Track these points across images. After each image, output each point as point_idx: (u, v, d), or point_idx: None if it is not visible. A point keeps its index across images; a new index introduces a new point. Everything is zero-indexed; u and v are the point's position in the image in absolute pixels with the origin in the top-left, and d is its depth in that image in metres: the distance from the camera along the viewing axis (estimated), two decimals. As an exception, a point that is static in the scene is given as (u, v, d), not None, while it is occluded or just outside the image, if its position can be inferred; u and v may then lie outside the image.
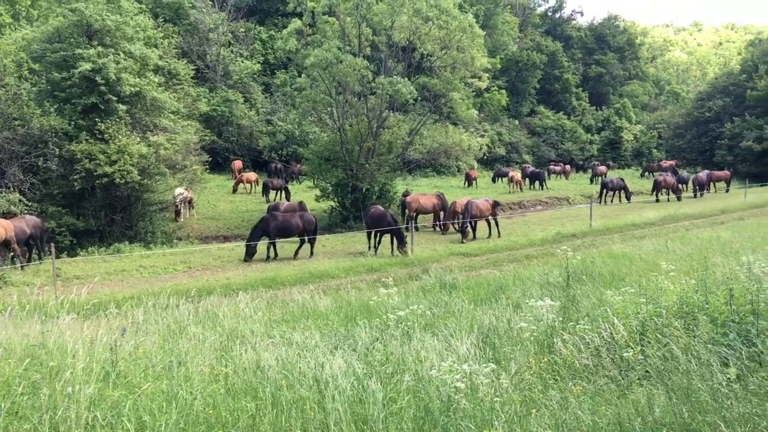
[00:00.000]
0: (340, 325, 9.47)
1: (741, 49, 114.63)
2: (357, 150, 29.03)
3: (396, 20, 27.78)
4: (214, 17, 47.92)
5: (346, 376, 5.65)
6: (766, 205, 33.04)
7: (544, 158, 67.94)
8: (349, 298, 12.55)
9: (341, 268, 18.97)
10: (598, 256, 15.91)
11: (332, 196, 30.02)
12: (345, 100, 28.99)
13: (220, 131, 43.41)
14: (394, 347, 7.12)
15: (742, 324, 6.73)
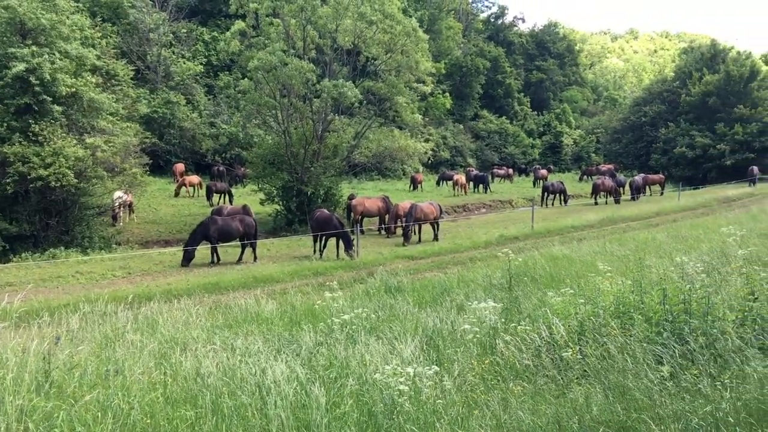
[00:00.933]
0: (285, 329, 9.37)
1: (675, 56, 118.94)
2: (302, 153, 28.85)
3: (340, 23, 27.76)
4: (155, 17, 46.86)
5: (289, 381, 5.60)
6: (699, 207, 34.29)
7: (487, 162, 69.00)
8: (294, 302, 12.43)
9: (286, 272, 18.80)
10: (540, 258, 16.17)
11: (277, 199, 29.75)
12: (290, 102, 28.78)
13: (161, 133, 42.48)
14: (338, 351, 7.09)
15: (676, 323, 6.96)
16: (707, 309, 7.20)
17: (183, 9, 52.21)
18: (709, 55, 68.63)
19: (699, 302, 7.39)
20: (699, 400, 5.03)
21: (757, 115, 58.43)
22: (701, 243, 16.07)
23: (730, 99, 59.94)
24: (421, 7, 65.50)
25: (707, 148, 58.99)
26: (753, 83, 61.49)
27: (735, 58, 67.60)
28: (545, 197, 40.53)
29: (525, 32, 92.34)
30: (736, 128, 57.92)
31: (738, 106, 59.07)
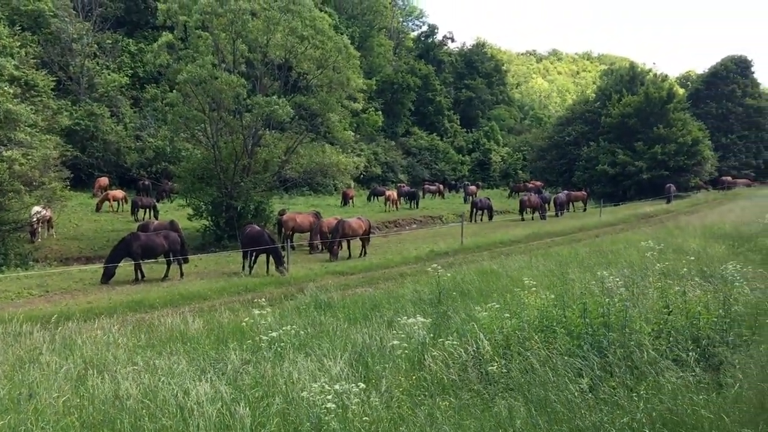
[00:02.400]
0: (211, 348, 9.17)
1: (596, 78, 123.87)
2: (232, 168, 28.42)
3: (271, 38, 27.61)
4: (78, 27, 45.37)
5: (212, 401, 5.46)
6: (619, 223, 35.59)
7: (418, 178, 69.78)
8: (221, 319, 12.18)
9: (214, 289, 18.41)
10: (468, 273, 16.40)
11: (206, 214, 29.16)
12: (219, 117, 28.33)
13: (83, 146, 41.05)
14: (265, 369, 6.98)
15: (595, 336, 7.19)
16: (625, 322, 7.48)
17: (108, 19, 50.75)
18: (629, 77, 71.78)
19: (617, 315, 7.67)
20: (617, 411, 5.20)
21: (673, 135, 61.30)
22: (621, 257, 16.62)
23: (649, 120, 62.69)
24: (352, 24, 65.97)
25: (627, 167, 61.45)
26: (670, 105, 64.54)
27: (653, 80, 70.96)
28: (474, 213, 41.32)
29: (454, 51, 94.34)
30: (655, 148, 60.61)
31: (656, 126, 61.85)
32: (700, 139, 63.35)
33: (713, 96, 78.70)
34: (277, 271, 21.35)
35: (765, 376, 6.13)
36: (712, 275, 11.75)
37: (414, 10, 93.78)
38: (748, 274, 11.27)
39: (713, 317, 7.86)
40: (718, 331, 7.60)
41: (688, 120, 64.63)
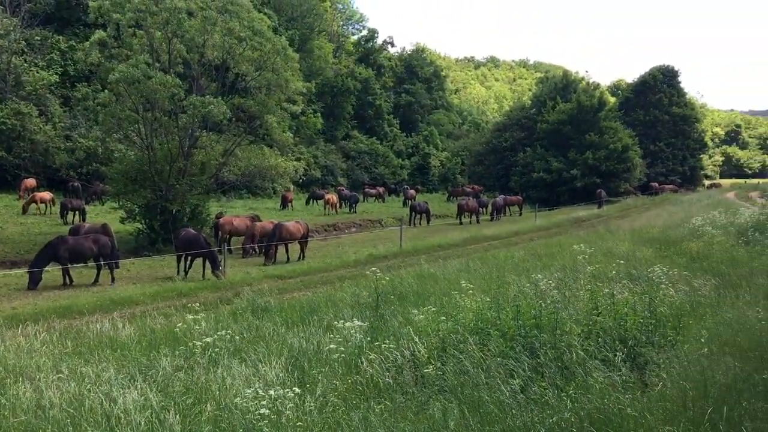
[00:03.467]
0: (142, 354, 8.92)
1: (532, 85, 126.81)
2: (167, 170, 27.76)
3: (209, 38, 27.16)
4: (5, 23, 43.46)
5: (141, 409, 5.31)
6: (553, 227, 36.50)
7: (358, 181, 69.86)
8: (154, 325, 11.87)
9: (147, 293, 17.92)
10: (407, 277, 16.50)
11: (139, 217, 28.41)
12: (154, 117, 27.63)
13: (9, 146, 39.36)
14: (198, 376, 6.84)
15: (528, 337, 7.34)
16: (556, 324, 7.66)
17: (37, 15, 48.83)
18: (562, 84, 73.79)
19: (549, 317, 7.85)
20: (546, 411, 5.32)
21: (605, 142, 63.34)
22: (555, 260, 17.02)
23: (582, 127, 64.60)
24: (292, 27, 65.49)
25: (561, 172, 63.10)
26: (601, 113, 66.69)
27: (585, 88, 73.13)
28: (413, 217, 41.66)
29: (394, 56, 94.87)
30: (587, 154, 62.44)
31: (589, 133, 63.73)
32: (630, 146, 65.75)
33: (642, 104, 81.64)
34: (213, 275, 20.98)
35: (687, 376, 6.38)
36: (640, 278, 12.16)
37: (354, 14, 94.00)
38: (673, 276, 11.73)
39: (640, 318, 8.14)
40: (644, 332, 7.86)
41: (618, 127, 66.98)
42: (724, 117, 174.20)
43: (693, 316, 9.25)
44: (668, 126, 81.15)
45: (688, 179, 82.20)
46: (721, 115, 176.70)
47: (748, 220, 21.04)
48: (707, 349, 7.40)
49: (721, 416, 5.20)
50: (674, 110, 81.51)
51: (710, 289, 11.48)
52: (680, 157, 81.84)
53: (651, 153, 77.80)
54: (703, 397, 5.65)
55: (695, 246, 17.58)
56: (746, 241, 18.21)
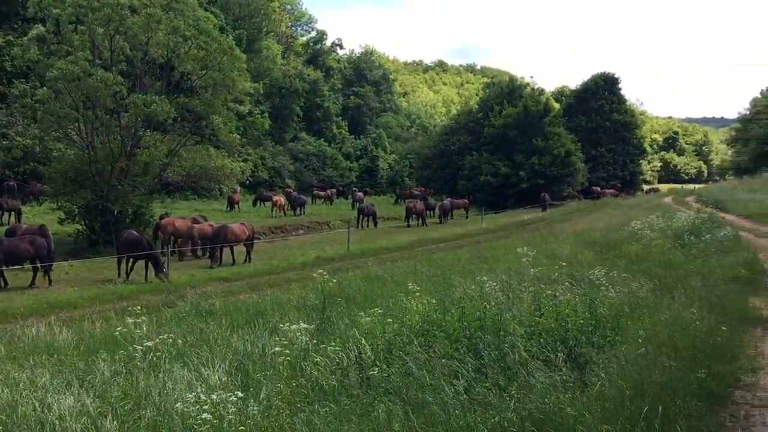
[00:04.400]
0: (80, 359, 8.65)
1: (479, 90, 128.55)
2: (109, 170, 27.06)
3: (153, 36, 26.59)
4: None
5: (78, 416, 5.15)
6: (499, 230, 37.00)
7: (306, 183, 69.48)
8: (92, 329, 11.54)
9: (87, 296, 17.41)
10: (354, 279, 16.49)
11: (79, 219, 27.60)
12: (95, 116, 26.88)
13: (-60, 144, 37.73)
14: (138, 381, 6.68)
15: (472, 339, 7.43)
16: (500, 325, 7.78)
17: (-28, 8, 47.00)
18: (509, 90, 74.95)
19: (493, 319, 7.96)
20: (489, 411, 5.39)
21: (549, 147, 64.65)
22: (500, 263, 17.26)
23: (528, 131, 65.74)
24: (239, 26, 64.66)
25: (508, 176, 64.11)
26: (546, 118, 68.05)
27: (530, 94, 74.52)
28: (360, 219, 41.71)
29: (343, 58, 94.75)
30: (533, 159, 63.63)
31: (534, 138, 64.94)
32: (573, 151, 67.32)
33: (584, 110, 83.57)
34: (157, 278, 20.53)
35: (625, 375, 6.56)
36: (582, 279, 12.43)
37: (303, 15, 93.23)
38: (613, 278, 12.05)
39: (580, 319, 8.33)
40: (584, 333, 8.05)
41: (562, 133, 68.48)
42: (663, 124, 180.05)
43: (631, 317, 9.52)
44: (609, 132, 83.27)
45: (628, 184, 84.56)
46: (660, 122, 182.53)
47: (684, 224, 21.78)
48: (644, 349, 7.63)
49: (657, 415, 5.37)
50: (615, 117, 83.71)
51: (648, 291, 11.84)
52: (620, 162, 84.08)
53: (593, 158, 79.70)
54: (640, 396, 5.82)
55: (634, 249, 18.10)
56: (682, 244, 18.86)
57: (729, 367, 7.83)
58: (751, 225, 29.59)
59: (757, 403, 7.11)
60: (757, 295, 13.59)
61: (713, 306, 10.51)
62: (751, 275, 14.92)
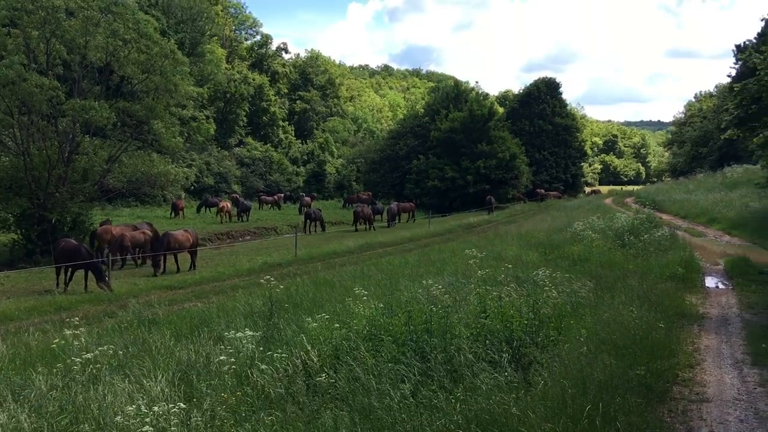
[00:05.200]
0: (15, 373, 8.33)
1: (425, 94, 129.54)
2: (45, 177, 26.16)
3: (91, 39, 25.88)
4: None
5: (11, 433, 4.96)
6: (446, 233, 37.34)
7: (253, 188, 68.78)
8: (29, 341, 11.13)
9: (23, 308, 16.79)
10: (302, 284, 16.36)
11: (14, 228, 26.61)
12: (30, 121, 25.97)
13: None
14: (76, 394, 6.46)
15: (419, 342, 7.46)
16: (446, 328, 7.83)
17: None
18: (454, 94, 75.77)
19: (440, 322, 8.01)
20: (435, 414, 5.41)
21: (494, 151, 65.64)
22: (447, 266, 17.41)
23: (473, 135, 66.58)
24: (181, 30, 63.58)
25: (455, 180, 64.78)
26: (491, 122, 69.06)
27: (475, 98, 75.49)
28: (307, 224, 41.49)
29: (289, 62, 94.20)
30: (479, 162, 64.49)
31: (480, 142, 65.82)
32: (517, 155, 68.51)
33: (527, 115, 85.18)
34: (99, 287, 19.95)
35: (567, 374, 6.69)
36: (526, 281, 12.63)
37: (248, 19, 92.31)
38: (556, 279, 12.28)
39: (525, 320, 8.47)
40: (528, 333, 8.18)
41: (506, 137, 69.62)
42: (602, 127, 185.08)
43: (574, 317, 9.72)
44: (552, 135, 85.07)
45: (570, 186, 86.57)
46: (600, 125, 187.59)
47: (624, 225, 22.39)
48: (586, 348, 7.81)
49: (598, 412, 5.49)
50: (557, 120, 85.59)
51: (589, 291, 12.12)
52: (563, 165, 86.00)
53: (536, 161, 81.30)
54: (582, 394, 5.94)
55: (577, 249, 18.53)
56: (622, 244, 19.41)
57: (667, 363, 8.07)
58: (686, 225, 30.69)
59: (694, 398, 7.36)
60: (693, 293, 14.11)
61: (652, 304, 10.83)
62: (687, 273, 15.47)
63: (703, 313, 12.14)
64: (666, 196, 44.91)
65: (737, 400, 7.33)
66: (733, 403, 7.24)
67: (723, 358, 9.05)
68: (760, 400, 7.29)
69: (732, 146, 54.45)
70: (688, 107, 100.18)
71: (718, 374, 8.30)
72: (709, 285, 15.58)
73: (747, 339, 10.03)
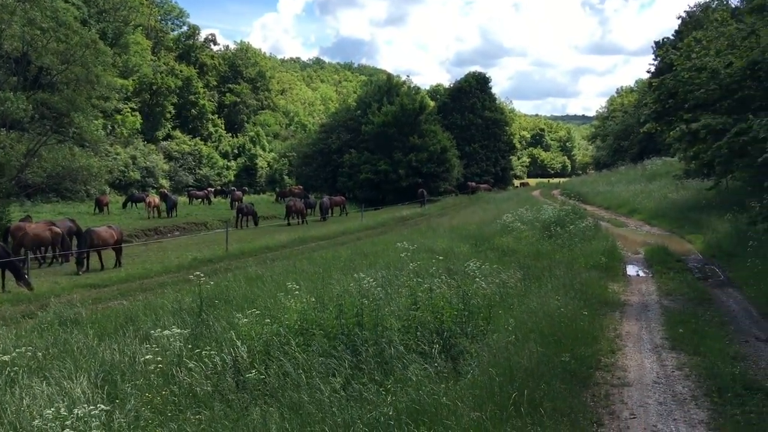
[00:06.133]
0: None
1: (357, 87, 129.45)
2: (-43, 172, 24.88)
3: (6, 29, 24.68)
4: None
5: None
6: (379, 226, 37.46)
7: (182, 183, 67.25)
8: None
9: (-67, 311, 15.89)
10: (233, 280, 16.11)
11: None
12: (-62, 113, 24.64)
13: None
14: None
15: (350, 335, 7.46)
16: (377, 320, 7.86)
17: None
18: (386, 88, 75.96)
19: (371, 315, 8.03)
20: (366, 406, 5.42)
21: (426, 145, 66.26)
22: (380, 258, 17.47)
23: (405, 129, 66.99)
24: (104, 20, 61.35)
25: (387, 173, 65.06)
26: (422, 116, 69.64)
27: (407, 92, 75.93)
28: (239, 219, 40.88)
29: (218, 54, 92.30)
30: (410, 156, 64.96)
31: (412, 135, 66.30)
32: (449, 148, 69.38)
33: (458, 108, 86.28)
34: (19, 286, 19.05)
35: (496, 363, 6.83)
36: (457, 272, 12.80)
37: (174, 9, 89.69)
38: (486, 270, 12.50)
39: (455, 311, 8.58)
40: (458, 324, 8.30)
41: (438, 130, 70.38)
42: (530, 122, 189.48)
43: (503, 307, 9.93)
44: (482, 129, 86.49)
45: (500, 179, 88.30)
46: (527, 119, 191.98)
47: (551, 216, 22.98)
48: (514, 337, 7.98)
49: (524, 399, 5.62)
50: (487, 114, 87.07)
51: (518, 281, 12.40)
52: (493, 158, 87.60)
53: (467, 154, 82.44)
54: (509, 382, 6.07)
55: (506, 241, 18.93)
56: (549, 235, 19.93)
57: (590, 349, 8.35)
58: (610, 215, 31.81)
59: (615, 383, 7.63)
60: (616, 281, 14.64)
61: (576, 292, 11.17)
62: (610, 262, 16.03)
63: (625, 300, 12.60)
64: (590, 188, 46.41)
65: (656, 383, 7.64)
66: (652, 386, 7.54)
67: (643, 344, 9.42)
68: (677, 383, 7.62)
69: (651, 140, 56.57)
70: (610, 102, 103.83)
71: (638, 359, 8.63)
72: (630, 273, 16.19)
73: (665, 324, 10.46)
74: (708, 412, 6.66)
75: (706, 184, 25.05)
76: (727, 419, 6.39)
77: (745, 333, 10.08)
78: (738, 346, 9.11)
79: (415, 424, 5.11)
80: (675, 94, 23.26)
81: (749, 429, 6.12)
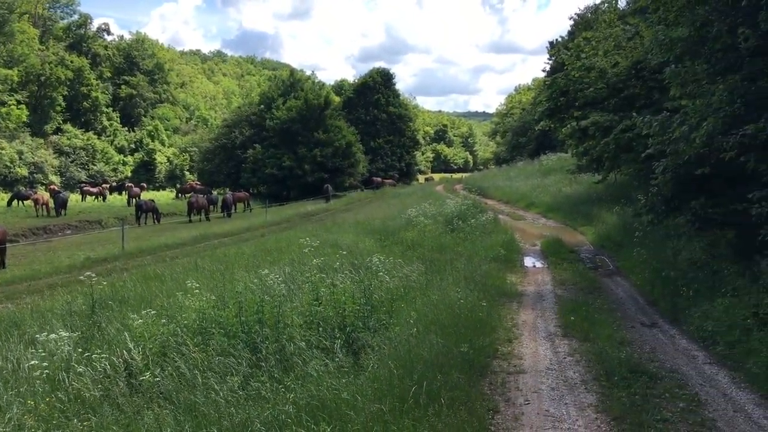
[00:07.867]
0: None
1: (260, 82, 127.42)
2: None
3: None
4: None
5: None
6: (283, 222, 37.05)
7: (74, 179, 64.02)
8: None
9: None
10: (130, 280, 15.50)
11: None
12: None
13: None
14: None
15: (250, 333, 7.32)
16: (279, 317, 7.75)
17: None
18: (290, 83, 75.20)
19: (272, 311, 7.91)
20: (265, 404, 5.33)
21: (331, 140, 66.15)
22: (284, 255, 17.25)
23: (310, 124, 66.59)
24: (-15, 6, 57.47)
25: (292, 169, 64.46)
26: (327, 111, 69.44)
27: (311, 87, 75.47)
28: (140, 216, 39.39)
29: (112, 45, 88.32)
30: (315, 151, 64.65)
31: (317, 131, 65.97)
32: (353, 143, 69.60)
33: (363, 104, 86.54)
34: None
35: (397, 355, 6.89)
36: (361, 267, 12.84)
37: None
38: (389, 264, 12.61)
39: (357, 306, 8.60)
40: (361, 318, 8.33)
41: (343, 125, 70.44)
42: (433, 118, 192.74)
43: (405, 300, 10.04)
44: (386, 124, 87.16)
45: (405, 174, 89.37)
46: (431, 116, 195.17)
47: (453, 210, 23.49)
48: (416, 329, 8.09)
49: (422, 390, 5.69)
50: (391, 110, 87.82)
51: (420, 274, 12.58)
52: (398, 153, 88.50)
53: (372, 150, 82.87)
54: (409, 374, 6.13)
55: (410, 235, 19.17)
56: (452, 229, 20.37)
57: (488, 339, 8.59)
58: (509, 209, 32.91)
59: (512, 371, 7.89)
60: (514, 272, 15.14)
61: (476, 284, 11.47)
62: (508, 254, 16.58)
63: (522, 290, 13.06)
64: (491, 183, 47.81)
65: (549, 369, 7.96)
66: (545, 372, 7.84)
67: (538, 332, 9.79)
68: (569, 369, 7.96)
69: (546, 136, 58.91)
70: (509, 99, 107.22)
71: (533, 347, 8.96)
72: (527, 264, 16.81)
73: (559, 313, 10.92)
74: (596, 395, 6.99)
75: (596, 179, 26.32)
76: (614, 401, 6.73)
77: (632, 319, 10.68)
78: (625, 332, 9.63)
79: (315, 420, 5.07)
80: (566, 92, 24.27)
81: (634, 410, 6.47)
